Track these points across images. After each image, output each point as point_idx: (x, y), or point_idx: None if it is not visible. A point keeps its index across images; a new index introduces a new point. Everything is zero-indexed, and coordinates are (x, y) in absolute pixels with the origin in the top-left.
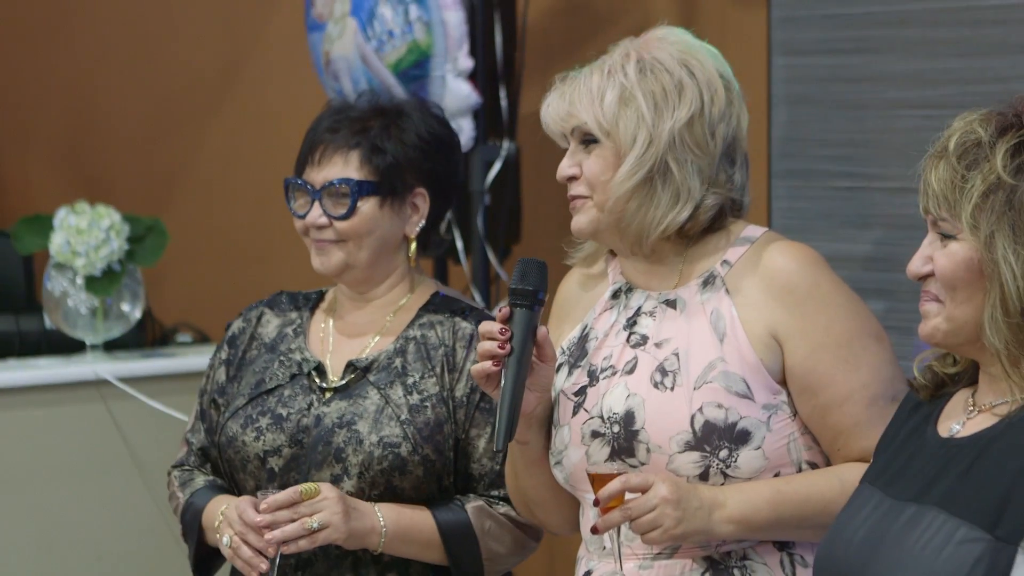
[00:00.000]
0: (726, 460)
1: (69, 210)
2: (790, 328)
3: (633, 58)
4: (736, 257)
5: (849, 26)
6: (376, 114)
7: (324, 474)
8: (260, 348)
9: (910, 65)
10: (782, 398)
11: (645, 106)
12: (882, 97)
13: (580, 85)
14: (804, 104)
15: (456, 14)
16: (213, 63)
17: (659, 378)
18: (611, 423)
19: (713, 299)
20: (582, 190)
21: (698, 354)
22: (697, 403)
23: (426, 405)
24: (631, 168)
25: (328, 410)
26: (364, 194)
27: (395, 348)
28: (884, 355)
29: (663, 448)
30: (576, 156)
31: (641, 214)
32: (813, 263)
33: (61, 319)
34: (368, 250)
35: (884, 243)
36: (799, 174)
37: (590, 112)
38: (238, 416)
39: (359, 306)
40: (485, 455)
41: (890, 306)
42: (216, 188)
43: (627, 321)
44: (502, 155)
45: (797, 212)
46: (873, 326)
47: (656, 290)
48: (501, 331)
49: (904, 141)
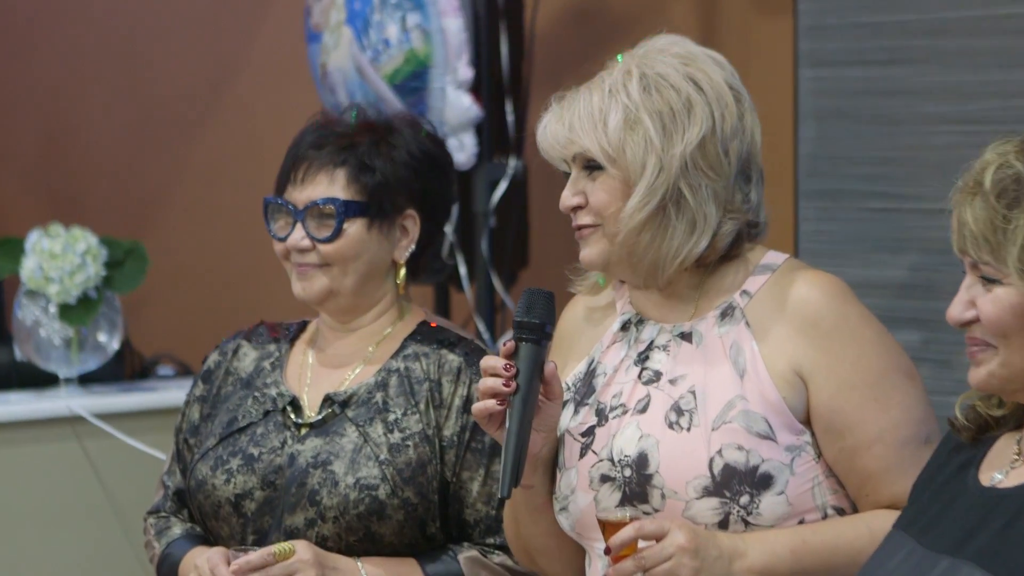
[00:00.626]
0: (747, 506)
1: (42, 233)
2: (816, 364)
3: (635, 75)
4: (756, 287)
5: (882, 35)
6: (364, 130)
7: (298, 518)
8: (236, 384)
9: (948, 77)
10: (806, 439)
11: (653, 129)
12: (918, 111)
13: (579, 107)
14: (833, 119)
15: (455, 21)
16: (197, 75)
17: (674, 418)
18: (622, 466)
19: (732, 332)
20: (589, 219)
21: (716, 392)
22: (716, 445)
23: (408, 444)
24: (642, 198)
25: (303, 448)
26: (351, 215)
27: (376, 381)
28: (916, 394)
29: (679, 493)
30: (579, 183)
31: (655, 246)
32: (840, 294)
33: (33, 350)
34: (354, 276)
35: (920, 268)
36: (828, 194)
37: (592, 138)
38: (208, 458)
39: (341, 336)
40: (479, 499)
41: (927, 337)
42: (201, 209)
43: (638, 356)
44: (508, 173)
45: (826, 235)
46: (904, 362)
47: (670, 322)
48: (506, 367)
49: (941, 158)
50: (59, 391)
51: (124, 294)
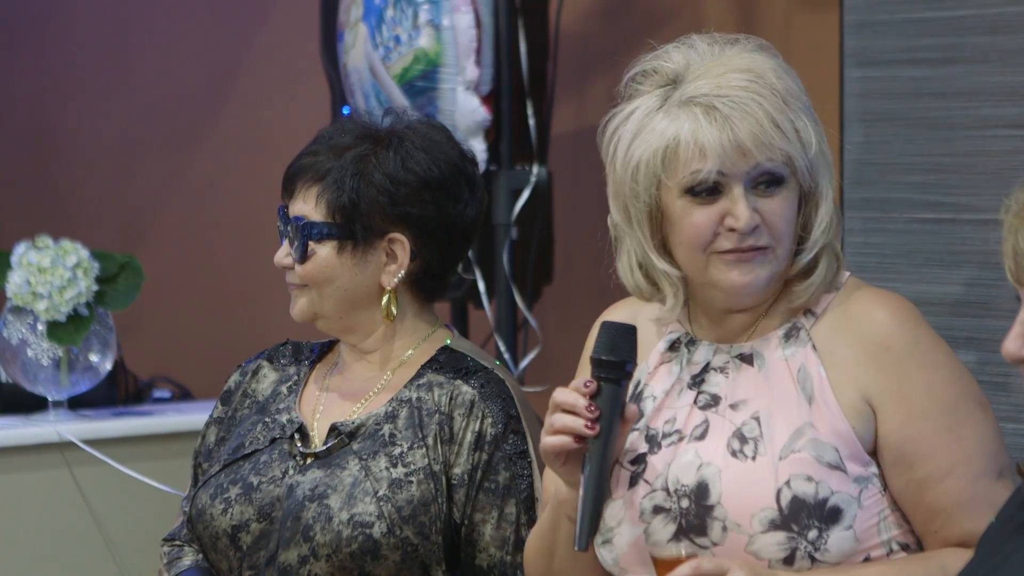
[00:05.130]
0: (815, 541)
1: (29, 245)
2: (886, 392)
3: (767, 83)
4: (822, 307)
5: (936, 32)
6: (357, 143)
7: (291, 555)
8: (252, 407)
9: (1007, 78)
10: (873, 470)
11: (816, 137)
12: (974, 114)
13: (757, 114)
14: (883, 123)
15: (465, 16)
16: (194, 79)
17: (737, 445)
18: (679, 497)
19: (798, 355)
20: (764, 240)
21: (783, 418)
22: (784, 475)
23: (411, 480)
24: (829, 212)
25: (303, 479)
26: (316, 237)
27: (386, 412)
28: (989, 425)
29: (743, 527)
30: (750, 200)
31: (827, 264)
32: (911, 317)
33: (19, 372)
34: (332, 300)
35: (976, 284)
36: (876, 204)
37: (795, 148)
38: (209, 485)
39: (359, 358)
40: (492, 543)
41: (983, 357)
42: (199, 221)
43: (692, 379)
44: (531, 182)
45: (874, 248)
46: (976, 390)
47: (727, 342)
48: (589, 408)
49: (999, 165)
50: (47, 415)
51: (117, 311)
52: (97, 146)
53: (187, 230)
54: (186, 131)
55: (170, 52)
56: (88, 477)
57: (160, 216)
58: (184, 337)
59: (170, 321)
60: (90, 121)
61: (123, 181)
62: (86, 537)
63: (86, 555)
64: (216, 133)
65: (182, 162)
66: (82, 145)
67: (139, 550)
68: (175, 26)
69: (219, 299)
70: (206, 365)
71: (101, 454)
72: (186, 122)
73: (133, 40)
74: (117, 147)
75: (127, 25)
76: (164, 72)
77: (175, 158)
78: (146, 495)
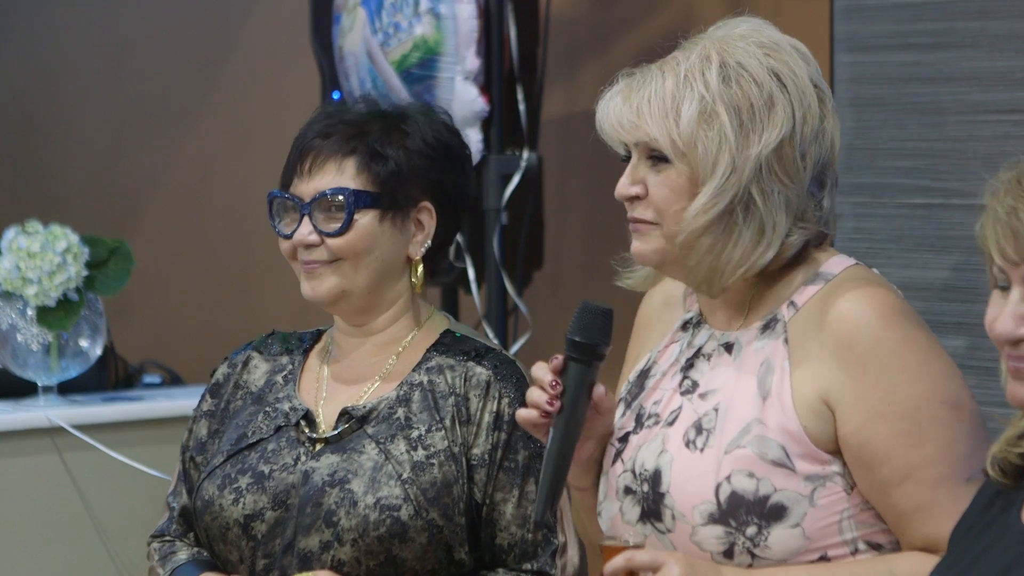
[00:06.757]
0: (754, 538)
1: (19, 230)
2: (845, 391)
3: (715, 62)
4: (805, 299)
5: (926, 17)
6: (375, 117)
7: (313, 540)
8: (246, 398)
9: (997, 63)
10: (833, 468)
11: (729, 125)
12: (964, 100)
13: (650, 90)
14: (873, 108)
15: (467, 6)
16: (186, 63)
17: (692, 436)
18: (641, 480)
19: (767, 348)
20: (649, 215)
21: (737, 412)
22: (726, 470)
23: (432, 463)
24: (709, 200)
25: (318, 465)
26: (361, 206)
27: (398, 396)
28: (960, 428)
29: (687, 517)
30: (639, 172)
31: (716, 252)
32: (883, 315)
33: (9, 357)
34: (367, 272)
35: (965, 269)
36: (867, 189)
37: (663, 128)
38: (215, 476)
39: (357, 344)
40: (514, 522)
41: (972, 343)
42: (190, 206)
43: (686, 362)
44: (521, 167)
45: (864, 233)
46: (951, 392)
47: (720, 328)
48: (552, 384)
49: (989, 150)
50: (37, 401)
51: (107, 296)
52: (87, 130)
53: (177, 215)
54: (176, 115)
55: (160, 35)
56: (78, 462)
57: (150, 201)
58: (174, 322)
59: (160, 306)
60: (80, 105)
61: (113, 165)
62: (76, 522)
63: (76, 540)
64: (206, 117)
65: (172, 146)
66: (72, 129)
67: (129, 535)
68: (165, 9)
69: (209, 284)
70: (196, 350)
71: (91, 439)
72: (176, 106)
73: (123, 23)
74: (107, 131)
75: (117, 8)
76: (154, 56)
77: (165, 142)
78: (136, 480)
